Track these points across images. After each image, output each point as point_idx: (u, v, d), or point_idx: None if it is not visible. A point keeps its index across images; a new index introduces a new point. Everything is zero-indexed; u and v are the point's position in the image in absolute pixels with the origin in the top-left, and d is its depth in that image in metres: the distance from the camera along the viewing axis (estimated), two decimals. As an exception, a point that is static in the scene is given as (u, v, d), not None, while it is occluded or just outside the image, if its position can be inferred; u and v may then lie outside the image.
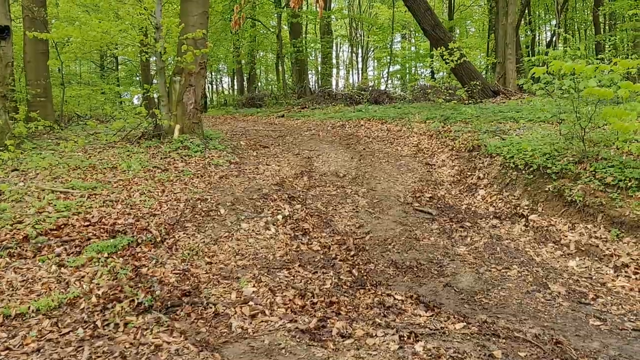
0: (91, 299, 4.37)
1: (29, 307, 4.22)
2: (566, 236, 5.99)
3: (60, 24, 11.90)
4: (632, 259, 5.42)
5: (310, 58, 32.90)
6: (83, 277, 4.83)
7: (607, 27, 25.03)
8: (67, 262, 5.10)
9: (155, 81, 11.18)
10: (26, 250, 5.28)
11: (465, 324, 4.13)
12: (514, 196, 7.45)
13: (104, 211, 6.52)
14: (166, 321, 4.00)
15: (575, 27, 29.45)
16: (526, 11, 25.09)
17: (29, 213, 6.26)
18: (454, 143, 10.14)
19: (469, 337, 3.88)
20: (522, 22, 24.78)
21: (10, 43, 9.02)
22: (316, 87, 28.36)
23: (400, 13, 30.78)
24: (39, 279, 4.76)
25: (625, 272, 5.24)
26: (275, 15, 27.70)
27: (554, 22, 26.63)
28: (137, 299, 4.34)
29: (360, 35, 37.84)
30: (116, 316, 4.05)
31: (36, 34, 10.10)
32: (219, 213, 6.65)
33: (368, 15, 36.20)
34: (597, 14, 23.14)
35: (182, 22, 10.51)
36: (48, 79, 12.94)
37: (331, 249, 5.97)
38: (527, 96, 14.38)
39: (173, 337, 3.76)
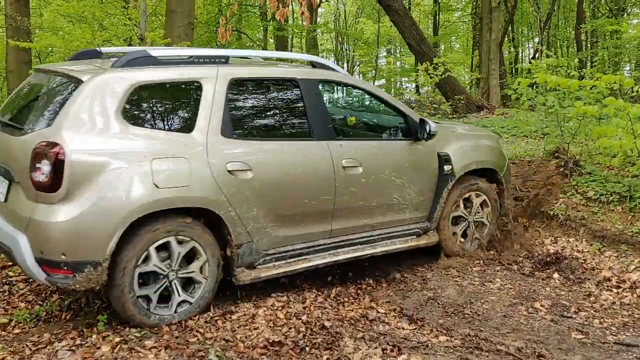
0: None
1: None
2: (548, 250, 6.01)
3: (43, 34, 11.86)
4: (613, 272, 5.46)
5: (296, 71, 32.94)
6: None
7: (588, 45, 25.46)
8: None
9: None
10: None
11: (448, 337, 4.11)
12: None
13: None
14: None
15: (558, 44, 29.93)
16: (509, 28, 25.44)
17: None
18: (438, 157, 10.18)
19: (451, 350, 3.87)
20: (506, 38, 25.10)
21: (-8, 52, 8.95)
22: (302, 100, 28.37)
23: (386, 28, 31.04)
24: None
25: (607, 285, 5.27)
26: (262, 28, 27.82)
27: (536, 39, 27.05)
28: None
29: (346, 50, 38.09)
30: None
31: (19, 43, 10.02)
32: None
33: (354, 30, 36.46)
34: (579, 32, 23.53)
35: (167, 33, 10.48)
36: (31, 89, 12.79)
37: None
38: (512, 110, 14.52)
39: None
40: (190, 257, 4.14)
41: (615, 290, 5.16)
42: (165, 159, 3.99)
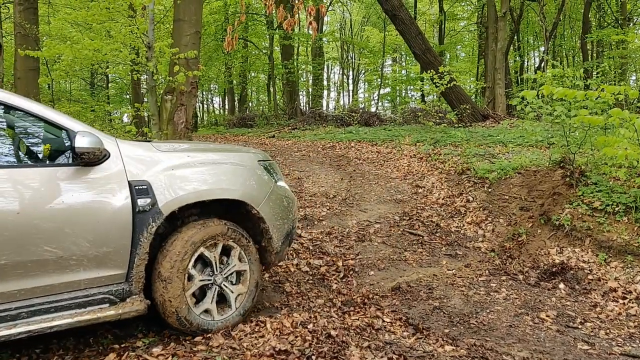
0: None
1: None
2: (554, 260, 6.01)
3: (51, 42, 11.95)
4: (619, 283, 5.44)
5: (302, 79, 33.26)
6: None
7: (594, 54, 25.46)
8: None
9: (146, 99, 11.18)
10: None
11: (454, 347, 4.11)
12: (503, 219, 7.48)
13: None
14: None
15: (564, 53, 29.96)
16: (515, 37, 25.48)
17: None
18: (444, 166, 10.20)
19: (457, 360, 3.87)
20: (511, 48, 25.14)
21: (2, 59, 9.02)
22: (307, 108, 28.56)
23: (392, 37, 31.17)
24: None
25: (613, 296, 5.26)
26: (268, 36, 27.97)
27: (542, 48, 27.04)
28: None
29: (352, 58, 38.23)
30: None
31: (28, 51, 10.09)
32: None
33: (359, 38, 36.59)
34: (584, 41, 23.55)
35: (174, 42, 10.54)
36: (38, 96, 12.91)
37: (320, 269, 5.96)
38: (517, 120, 14.55)
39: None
40: None
41: (621, 301, 5.15)
42: None
